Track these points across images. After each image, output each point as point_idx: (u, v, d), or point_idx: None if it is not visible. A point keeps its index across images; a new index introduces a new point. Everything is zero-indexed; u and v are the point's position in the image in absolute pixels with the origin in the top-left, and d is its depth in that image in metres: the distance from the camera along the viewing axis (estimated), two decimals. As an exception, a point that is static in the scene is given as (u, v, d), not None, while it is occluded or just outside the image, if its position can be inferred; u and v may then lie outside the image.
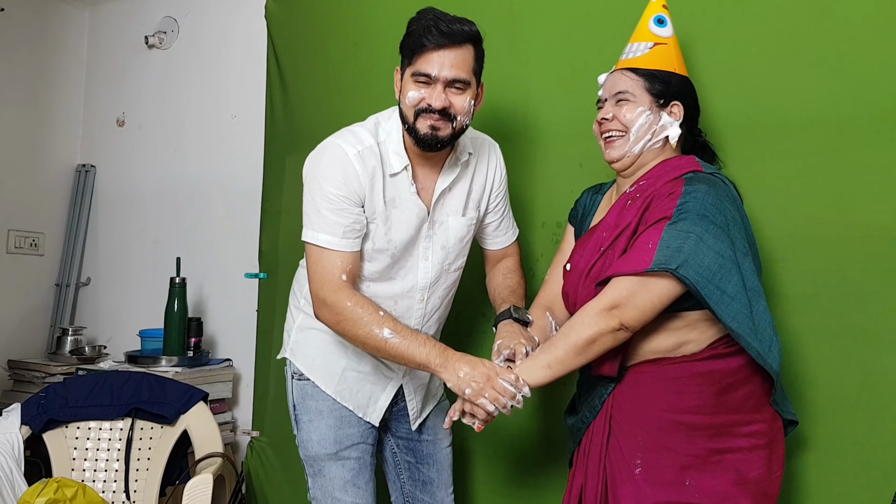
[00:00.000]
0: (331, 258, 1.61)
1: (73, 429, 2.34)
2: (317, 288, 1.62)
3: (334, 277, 1.60)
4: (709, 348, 1.47)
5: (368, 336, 1.57)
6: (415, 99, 1.58)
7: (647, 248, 1.40)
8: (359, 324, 1.57)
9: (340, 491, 1.74)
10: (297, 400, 1.80)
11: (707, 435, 1.44)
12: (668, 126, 1.56)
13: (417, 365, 1.56)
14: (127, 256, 3.30)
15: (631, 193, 1.55)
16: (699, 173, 1.50)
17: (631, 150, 1.56)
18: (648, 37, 1.62)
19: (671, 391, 1.46)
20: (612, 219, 1.55)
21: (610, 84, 1.61)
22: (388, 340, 1.55)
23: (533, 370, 1.48)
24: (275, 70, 2.67)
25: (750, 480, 1.43)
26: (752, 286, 1.42)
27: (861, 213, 1.69)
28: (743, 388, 1.46)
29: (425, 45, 1.54)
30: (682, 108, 1.57)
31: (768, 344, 1.42)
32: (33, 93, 3.34)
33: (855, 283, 1.69)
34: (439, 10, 1.59)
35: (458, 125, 1.61)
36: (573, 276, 1.59)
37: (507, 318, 1.69)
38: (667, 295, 1.41)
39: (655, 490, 1.43)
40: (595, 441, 1.53)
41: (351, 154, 1.61)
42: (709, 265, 1.37)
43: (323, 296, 1.61)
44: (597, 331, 1.42)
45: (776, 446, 1.49)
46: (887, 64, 1.68)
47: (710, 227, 1.39)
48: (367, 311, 1.58)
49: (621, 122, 1.56)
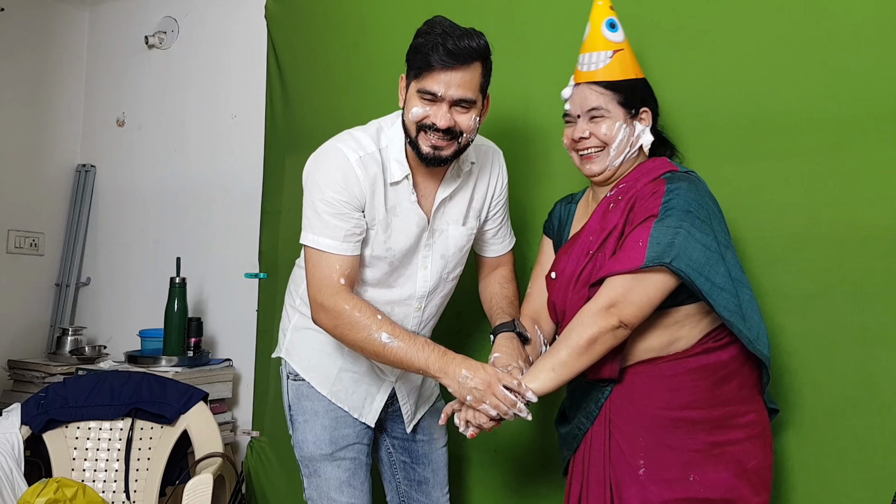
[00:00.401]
0: (329, 262, 1.60)
1: (73, 429, 2.34)
2: (315, 292, 1.61)
3: (332, 281, 1.59)
4: (699, 343, 1.50)
5: (366, 341, 1.56)
6: (419, 115, 1.57)
7: (638, 247, 1.43)
8: (356, 328, 1.56)
9: (336, 491, 1.74)
10: (292, 400, 1.80)
11: (706, 429, 1.46)
12: (642, 134, 1.60)
13: (417, 370, 1.55)
14: (127, 256, 3.31)
15: (612, 197, 1.58)
16: (676, 172, 1.55)
17: (612, 164, 1.59)
18: (605, 45, 1.60)
19: (668, 389, 1.48)
20: (596, 223, 1.57)
21: (579, 100, 1.59)
22: (386, 345, 1.54)
23: (537, 376, 1.48)
24: (275, 70, 2.67)
25: (750, 470, 1.47)
26: (737, 276, 1.47)
27: (861, 213, 1.69)
28: (735, 379, 1.50)
29: (432, 65, 1.52)
30: (650, 113, 1.61)
31: (756, 331, 1.47)
32: (33, 93, 3.34)
33: (855, 283, 1.69)
34: (448, 21, 1.56)
35: (463, 141, 1.60)
36: (560, 284, 1.60)
37: (509, 331, 1.67)
38: (662, 289, 1.44)
39: (661, 489, 1.45)
40: (596, 446, 1.53)
41: (353, 159, 1.60)
42: (698, 258, 1.41)
43: (321, 300, 1.60)
44: (597, 330, 1.43)
45: (768, 434, 1.53)
46: (887, 64, 1.68)
47: (695, 222, 1.43)
48: (364, 315, 1.56)
49: (599, 139, 1.58)
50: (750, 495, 1.46)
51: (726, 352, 1.50)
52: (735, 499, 1.45)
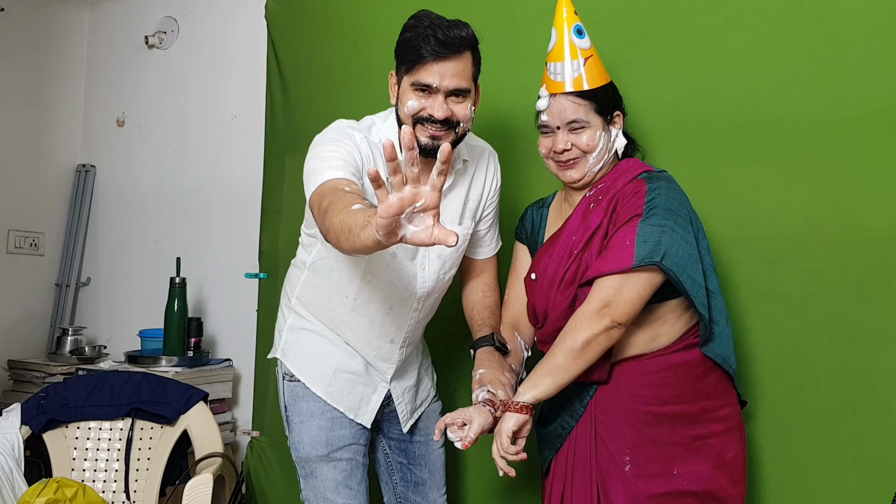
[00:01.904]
0: (330, 185, 1.43)
1: (73, 429, 2.34)
2: (321, 221, 1.38)
3: (338, 189, 1.40)
4: (680, 339, 1.53)
5: (348, 213, 1.28)
6: (415, 108, 1.57)
7: (626, 246, 1.46)
8: (337, 206, 1.34)
9: (332, 492, 1.73)
10: (288, 401, 1.80)
11: (688, 423, 1.50)
12: (616, 139, 1.63)
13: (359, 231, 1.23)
14: (127, 256, 3.30)
15: (592, 196, 1.60)
16: (652, 172, 1.58)
17: (592, 170, 1.61)
18: (575, 52, 1.60)
19: (652, 385, 1.51)
20: (577, 223, 1.59)
21: (557, 112, 1.59)
22: (360, 209, 1.27)
23: (537, 382, 1.48)
24: (275, 70, 2.68)
25: (728, 461, 1.51)
26: (713, 287, 1.53)
27: (861, 213, 1.69)
28: (713, 373, 1.54)
29: (424, 57, 1.53)
30: (622, 115, 1.64)
31: (723, 337, 1.53)
32: (33, 93, 3.34)
33: (855, 283, 1.69)
34: (434, 14, 1.57)
35: (460, 131, 1.61)
36: (541, 285, 1.61)
37: (488, 346, 1.67)
38: (651, 286, 1.47)
39: (647, 484, 1.48)
40: (581, 444, 1.55)
41: (357, 137, 1.60)
42: (682, 255, 1.45)
43: (328, 225, 1.34)
44: (591, 332, 1.45)
45: (742, 427, 1.58)
46: (887, 64, 1.68)
47: (677, 220, 1.48)
48: (337, 198, 1.36)
49: (581, 149, 1.59)
50: (729, 486, 1.50)
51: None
52: (715, 490, 1.49)
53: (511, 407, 1.48)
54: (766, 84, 1.81)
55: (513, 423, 1.47)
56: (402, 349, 1.79)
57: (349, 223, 1.25)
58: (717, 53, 1.87)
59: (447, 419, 1.52)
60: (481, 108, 1.78)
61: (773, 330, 1.77)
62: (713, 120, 1.85)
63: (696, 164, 1.85)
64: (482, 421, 1.50)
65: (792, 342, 1.74)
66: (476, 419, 1.50)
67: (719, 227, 1.80)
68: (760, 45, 1.82)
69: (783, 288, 1.76)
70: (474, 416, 1.50)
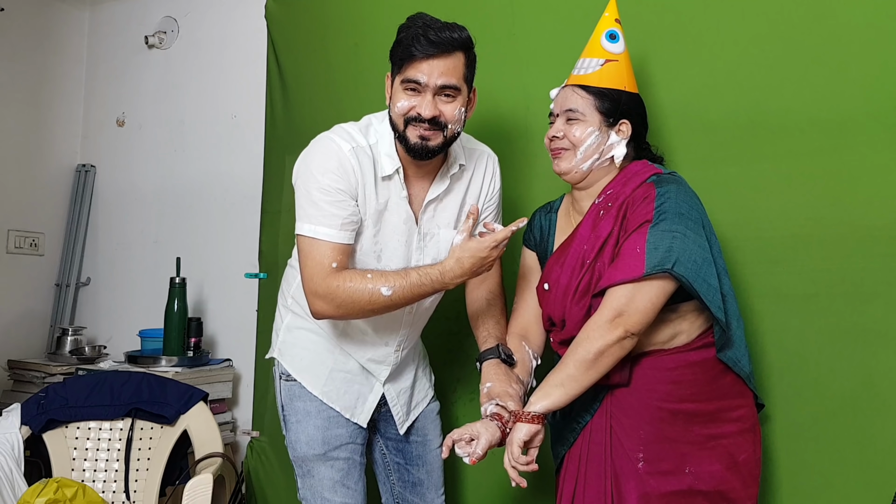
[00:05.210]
0: (322, 250, 1.58)
1: (73, 429, 2.34)
2: (308, 281, 1.59)
3: (324, 267, 1.57)
4: (699, 338, 1.52)
5: (372, 303, 1.56)
6: (404, 107, 1.57)
7: (636, 254, 1.44)
8: (356, 297, 1.56)
9: (330, 491, 1.73)
10: (285, 401, 1.80)
11: (702, 421, 1.49)
12: (615, 145, 1.60)
13: (432, 291, 1.59)
14: (127, 256, 3.30)
15: (602, 203, 1.59)
16: (661, 175, 1.56)
17: (579, 167, 1.60)
18: (600, 53, 1.62)
19: (669, 381, 1.50)
20: (588, 231, 1.58)
21: (561, 100, 1.63)
22: (391, 295, 1.55)
23: (549, 393, 1.47)
24: (275, 70, 2.67)
25: (740, 463, 1.50)
26: (726, 290, 1.50)
27: (861, 213, 1.69)
28: (730, 373, 1.53)
29: (414, 55, 1.53)
30: (630, 126, 1.61)
31: (738, 342, 1.53)
32: (33, 93, 3.34)
33: (855, 283, 1.69)
34: (429, 16, 1.58)
35: (449, 133, 1.59)
36: (555, 296, 1.60)
37: (494, 358, 1.66)
38: (663, 294, 1.45)
39: (659, 482, 1.47)
40: (596, 440, 1.54)
41: (345, 149, 1.60)
42: (695, 259, 1.43)
43: (314, 287, 1.58)
44: (603, 343, 1.44)
45: (757, 429, 1.56)
46: (887, 64, 1.68)
47: (689, 224, 1.46)
48: (356, 282, 1.56)
49: (570, 141, 1.60)
50: (740, 487, 1.49)
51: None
52: (726, 491, 1.48)
53: (522, 417, 1.47)
54: (766, 84, 1.81)
55: (524, 433, 1.46)
56: (398, 352, 1.79)
57: (402, 300, 1.58)
58: (718, 54, 1.87)
59: (454, 435, 1.51)
60: (480, 109, 1.78)
61: (774, 330, 1.77)
62: (714, 120, 1.85)
63: (697, 164, 1.85)
64: (490, 436, 1.49)
65: (792, 342, 1.74)
66: (484, 434, 1.49)
67: (719, 227, 1.79)
68: (761, 46, 1.82)
69: (783, 288, 1.76)
70: (482, 432, 1.49)
